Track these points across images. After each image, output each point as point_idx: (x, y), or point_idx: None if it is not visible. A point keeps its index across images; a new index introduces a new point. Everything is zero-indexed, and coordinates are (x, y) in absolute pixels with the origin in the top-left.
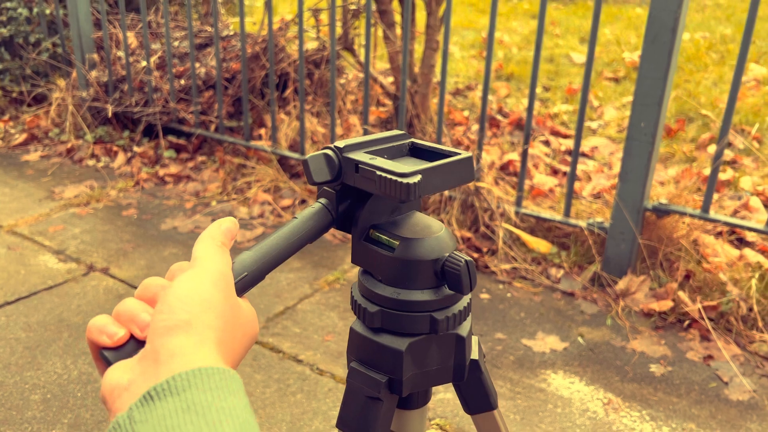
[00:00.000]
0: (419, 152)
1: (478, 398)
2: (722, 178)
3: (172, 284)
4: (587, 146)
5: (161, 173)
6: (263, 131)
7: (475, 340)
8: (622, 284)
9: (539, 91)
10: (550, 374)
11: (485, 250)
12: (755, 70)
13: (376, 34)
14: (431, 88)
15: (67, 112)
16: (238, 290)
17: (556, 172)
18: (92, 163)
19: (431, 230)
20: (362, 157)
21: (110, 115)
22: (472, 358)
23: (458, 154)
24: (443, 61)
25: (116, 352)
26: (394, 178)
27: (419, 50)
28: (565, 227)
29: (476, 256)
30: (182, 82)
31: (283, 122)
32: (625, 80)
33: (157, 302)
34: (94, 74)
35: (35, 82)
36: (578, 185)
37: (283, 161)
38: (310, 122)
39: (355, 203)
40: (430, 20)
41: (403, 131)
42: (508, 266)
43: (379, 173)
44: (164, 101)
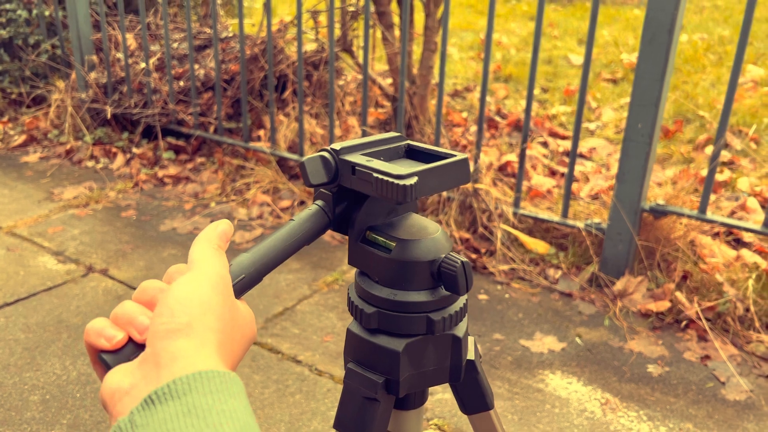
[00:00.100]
0: (415, 154)
1: (474, 398)
2: (719, 179)
3: (170, 287)
4: (585, 147)
5: (160, 174)
6: (262, 133)
7: (471, 340)
8: (619, 285)
9: (537, 92)
10: (547, 374)
11: (483, 250)
12: (753, 71)
13: (374, 35)
14: (430, 89)
15: (66, 113)
16: (236, 292)
17: (554, 173)
18: (91, 164)
19: (427, 232)
20: (359, 159)
21: (109, 116)
22: (468, 358)
23: (454, 155)
24: (441, 62)
25: (115, 355)
26: (390, 180)
27: (418, 52)
28: (562, 228)
29: (474, 256)
30: (181, 83)
31: (282, 124)
32: (623, 81)
33: (155, 305)
34: (93, 76)
35: (34, 83)
36: (576, 186)
37: (282, 162)
38: (308, 123)
39: (351, 205)
40: (428, 22)
41: (399, 133)
42: (506, 267)
43: (375, 175)
44: (163, 103)
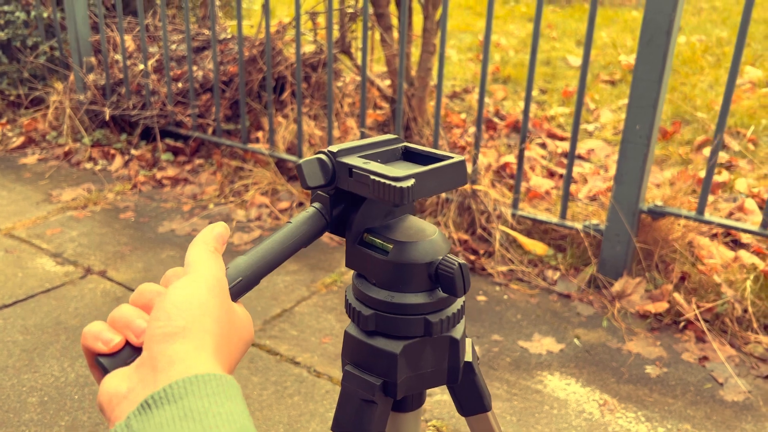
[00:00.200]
0: (412, 156)
1: (472, 400)
2: (717, 180)
3: (167, 290)
4: (583, 149)
5: (158, 176)
6: (261, 134)
7: (468, 342)
8: (617, 286)
9: (536, 93)
10: (546, 376)
11: (482, 252)
12: (750, 72)
13: (373, 37)
14: (428, 91)
15: (64, 115)
16: (233, 295)
17: (552, 174)
18: (90, 166)
19: (425, 233)
20: (356, 161)
21: (107, 118)
22: (465, 360)
23: (451, 157)
24: (440, 64)
25: (112, 358)
26: (387, 182)
27: (416, 53)
28: (561, 229)
29: (473, 258)
30: (180, 85)
31: (280, 125)
32: (621, 83)
33: (152, 308)
34: (91, 77)
35: (33, 85)
36: (574, 187)
37: (280, 164)
38: (307, 125)
39: (349, 207)
40: (426, 24)
41: (396, 135)
42: (504, 268)
43: (372, 177)
44: (162, 104)
